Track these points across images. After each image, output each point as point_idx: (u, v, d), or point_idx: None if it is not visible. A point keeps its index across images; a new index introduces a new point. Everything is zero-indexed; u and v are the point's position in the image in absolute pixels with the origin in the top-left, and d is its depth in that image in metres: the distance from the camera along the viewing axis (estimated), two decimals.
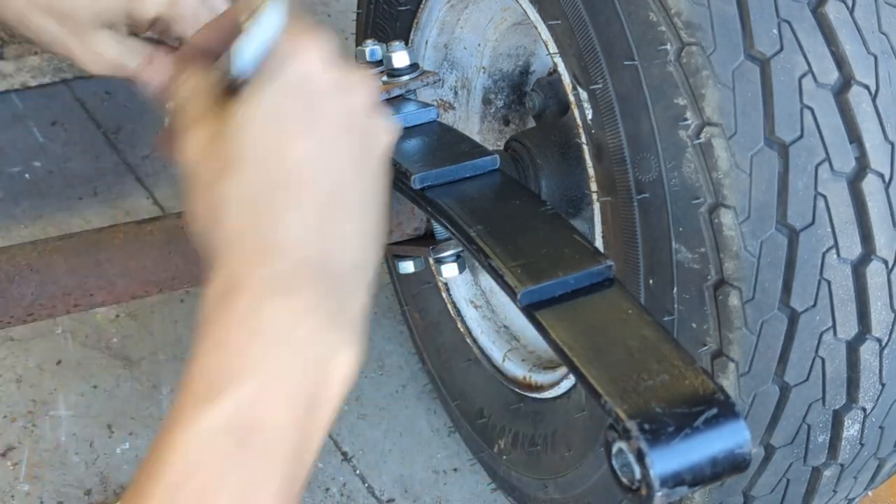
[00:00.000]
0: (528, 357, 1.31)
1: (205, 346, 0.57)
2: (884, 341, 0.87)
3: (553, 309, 0.76)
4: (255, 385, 0.55)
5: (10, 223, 1.70)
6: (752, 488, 0.94)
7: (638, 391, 0.66)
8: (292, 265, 0.58)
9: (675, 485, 0.62)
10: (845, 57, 0.82)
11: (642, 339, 0.72)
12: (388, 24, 1.31)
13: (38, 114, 1.87)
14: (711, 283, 0.85)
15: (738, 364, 0.86)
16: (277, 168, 0.60)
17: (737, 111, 0.81)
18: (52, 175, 1.79)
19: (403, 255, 1.21)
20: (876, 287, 0.85)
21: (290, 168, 0.60)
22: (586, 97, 0.94)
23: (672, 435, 0.63)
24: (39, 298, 0.99)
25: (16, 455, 1.42)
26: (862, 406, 0.89)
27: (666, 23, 0.83)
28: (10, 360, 1.53)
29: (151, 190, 1.79)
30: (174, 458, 0.53)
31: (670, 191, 0.86)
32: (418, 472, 1.49)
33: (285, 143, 0.60)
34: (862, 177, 0.83)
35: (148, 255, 1.02)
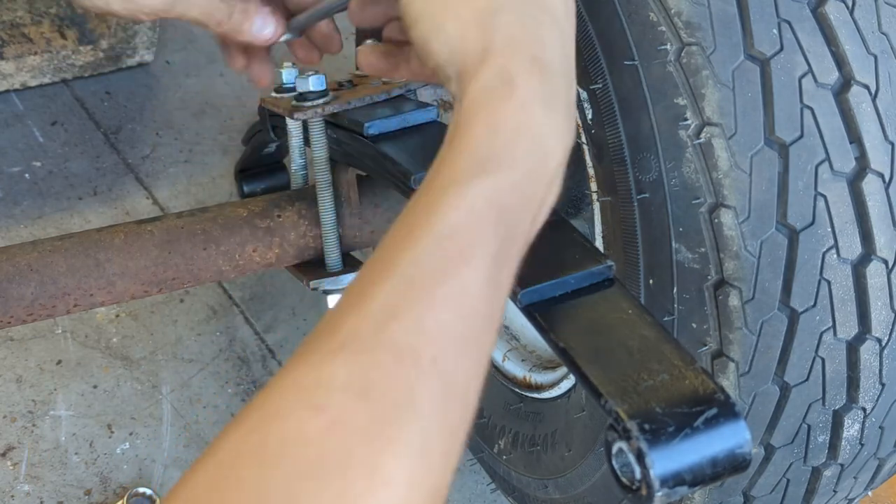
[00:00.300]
0: (527, 357, 1.31)
1: (477, 127, 0.64)
2: (884, 341, 0.87)
3: (553, 309, 0.76)
4: (522, 172, 0.63)
5: (10, 223, 1.70)
6: (752, 488, 0.94)
7: (638, 391, 0.66)
8: (556, 82, 0.67)
9: (676, 485, 0.62)
10: (845, 57, 0.82)
11: (642, 338, 0.72)
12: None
13: (37, 114, 1.87)
14: (711, 283, 0.85)
15: (739, 364, 0.86)
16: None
17: (737, 111, 0.81)
18: (51, 175, 1.79)
19: None
20: (876, 287, 0.85)
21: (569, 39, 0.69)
22: (586, 97, 0.94)
23: (672, 435, 0.63)
24: (39, 298, 0.99)
25: (16, 455, 1.42)
26: (862, 406, 0.89)
27: (666, 23, 0.83)
28: (10, 360, 1.53)
29: (151, 190, 1.79)
30: (446, 213, 0.60)
31: (670, 191, 0.86)
32: None
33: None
34: (862, 177, 0.83)
35: (148, 255, 1.02)
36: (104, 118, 1.89)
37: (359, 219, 1.12)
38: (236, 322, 1.64)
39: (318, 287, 1.09)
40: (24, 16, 1.85)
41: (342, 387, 0.53)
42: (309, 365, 0.55)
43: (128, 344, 1.57)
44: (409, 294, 0.58)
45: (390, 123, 1.02)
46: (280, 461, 0.50)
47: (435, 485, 0.54)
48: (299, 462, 0.51)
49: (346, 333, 0.56)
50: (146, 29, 1.89)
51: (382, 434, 0.53)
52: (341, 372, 0.54)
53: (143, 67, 1.98)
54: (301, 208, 1.10)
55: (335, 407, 0.52)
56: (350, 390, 0.53)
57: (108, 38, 1.88)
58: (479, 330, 0.60)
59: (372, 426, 0.52)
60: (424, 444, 0.54)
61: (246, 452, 0.52)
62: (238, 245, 1.06)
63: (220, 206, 1.10)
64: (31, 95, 1.90)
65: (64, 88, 1.93)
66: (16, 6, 1.85)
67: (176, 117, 1.92)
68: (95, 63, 1.91)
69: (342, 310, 0.58)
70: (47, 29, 1.86)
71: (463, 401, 0.59)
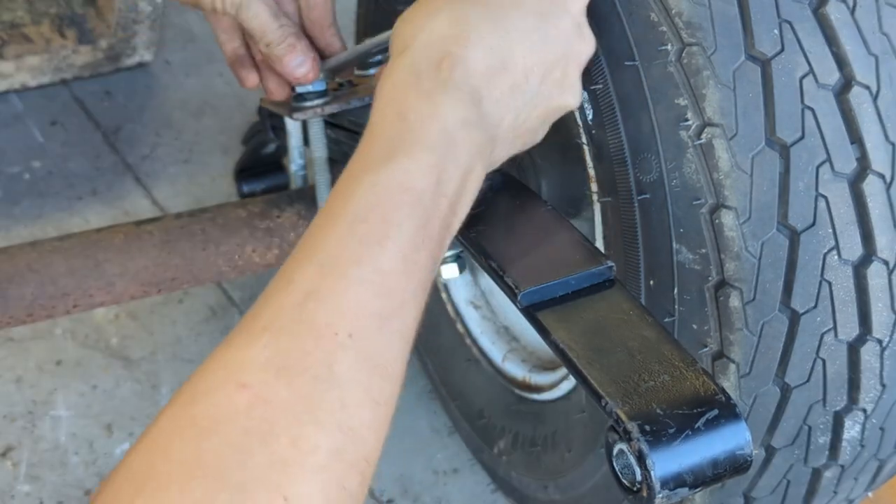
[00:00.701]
0: (527, 358, 1.31)
1: (387, 116, 0.68)
2: (885, 342, 0.87)
3: (553, 310, 0.76)
4: (432, 157, 0.66)
5: (10, 223, 1.70)
6: (753, 489, 0.94)
7: (639, 392, 0.66)
8: (471, 77, 0.70)
9: (677, 486, 0.62)
10: (846, 57, 0.82)
11: (643, 339, 0.72)
12: (387, 23, 1.30)
13: (37, 114, 1.87)
14: (712, 284, 0.85)
15: (739, 365, 0.86)
16: (508, 27, 0.72)
17: (738, 112, 0.81)
18: (51, 175, 1.78)
19: None
20: (877, 288, 0.85)
21: (518, 39, 0.72)
22: (587, 97, 0.93)
23: (673, 436, 0.63)
24: (39, 299, 0.99)
25: (15, 455, 1.42)
26: (863, 407, 0.89)
27: (667, 23, 0.83)
28: (9, 360, 1.53)
29: (151, 190, 1.79)
30: (359, 198, 0.64)
31: (671, 191, 0.86)
32: (418, 472, 1.49)
33: (521, 16, 0.73)
34: (863, 178, 0.83)
35: (147, 256, 1.02)
36: (104, 118, 1.89)
37: None
38: (236, 322, 1.63)
39: None
40: (23, 16, 1.85)
41: (264, 365, 0.57)
42: (235, 347, 0.60)
43: (127, 344, 1.56)
44: (327, 276, 0.62)
45: None
46: (209, 435, 0.54)
47: (361, 454, 0.58)
48: (227, 435, 0.54)
49: (269, 316, 0.60)
50: (146, 29, 1.89)
51: (303, 407, 0.57)
52: (264, 352, 0.58)
53: (143, 67, 1.98)
54: (300, 209, 1.10)
55: (258, 384, 0.56)
56: (271, 368, 0.57)
57: (107, 38, 1.88)
58: (396, 307, 0.65)
59: (293, 400, 0.56)
60: (346, 414, 0.58)
61: (178, 427, 0.55)
62: (237, 245, 1.06)
63: (220, 206, 1.10)
64: (30, 95, 1.90)
65: (63, 88, 1.92)
66: (16, 6, 1.85)
67: (176, 117, 1.92)
68: (95, 63, 1.91)
69: (268, 294, 0.63)
70: (47, 29, 1.86)
71: (385, 373, 0.62)
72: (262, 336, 0.59)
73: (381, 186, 0.65)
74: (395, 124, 0.68)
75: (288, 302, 0.61)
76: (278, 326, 0.59)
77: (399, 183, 0.65)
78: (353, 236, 0.63)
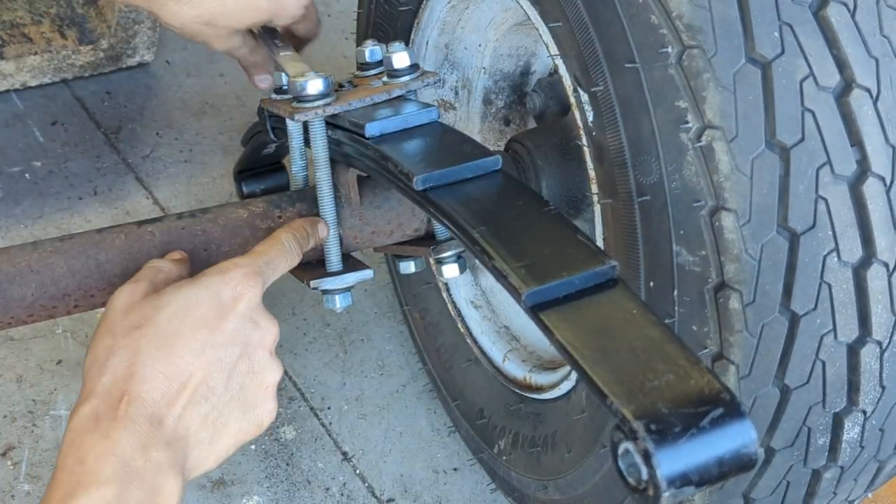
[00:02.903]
0: (528, 358, 1.31)
1: (69, 458, 0.76)
2: (884, 344, 0.87)
3: (557, 310, 0.76)
4: (111, 491, 0.74)
5: (10, 223, 1.70)
6: (753, 490, 0.94)
7: (644, 391, 0.66)
8: (148, 416, 0.78)
9: (682, 485, 0.63)
10: (846, 60, 0.83)
11: (647, 339, 0.72)
12: (388, 24, 1.31)
13: (38, 114, 1.87)
14: (712, 286, 0.85)
15: (739, 367, 0.86)
16: (180, 351, 0.81)
17: (738, 114, 0.81)
18: (52, 175, 1.79)
19: (404, 256, 1.22)
20: (877, 290, 0.85)
21: (190, 359, 0.81)
22: (587, 99, 0.94)
23: (678, 435, 0.63)
24: (40, 299, 0.99)
25: (16, 455, 1.42)
26: (862, 409, 0.89)
27: (667, 25, 0.83)
28: (10, 359, 1.53)
29: (151, 190, 1.79)
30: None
31: (671, 193, 0.86)
32: (418, 471, 1.49)
33: (190, 334, 0.81)
34: (863, 180, 0.83)
35: (148, 257, 1.02)
36: (104, 118, 1.89)
37: (359, 219, 1.12)
38: None
39: (318, 287, 1.09)
40: (24, 16, 1.86)
41: None
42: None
43: None
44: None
45: (391, 124, 1.02)
46: None
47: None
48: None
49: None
50: (146, 29, 1.89)
51: None
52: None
53: (143, 67, 1.98)
54: (301, 209, 1.10)
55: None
56: None
57: (108, 38, 1.88)
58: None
59: None
60: None
61: None
62: (239, 246, 1.06)
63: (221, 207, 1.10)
64: (31, 95, 1.90)
65: (64, 88, 1.93)
66: (16, 6, 1.85)
67: (176, 117, 1.92)
68: (95, 63, 1.91)
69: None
70: (47, 29, 1.86)
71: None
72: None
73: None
74: (74, 469, 0.75)
75: None
76: None
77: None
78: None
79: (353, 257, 1.13)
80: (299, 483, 1.46)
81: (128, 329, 0.82)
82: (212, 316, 0.83)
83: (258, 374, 0.85)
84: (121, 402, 0.78)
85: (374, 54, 1.11)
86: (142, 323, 0.82)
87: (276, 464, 1.47)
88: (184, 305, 0.83)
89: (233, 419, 0.84)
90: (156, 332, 0.81)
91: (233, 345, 0.83)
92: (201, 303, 0.83)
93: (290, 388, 1.57)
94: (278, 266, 0.93)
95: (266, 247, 0.94)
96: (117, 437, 0.76)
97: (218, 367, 0.82)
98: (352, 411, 1.55)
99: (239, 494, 1.43)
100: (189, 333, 0.81)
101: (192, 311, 0.82)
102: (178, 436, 0.79)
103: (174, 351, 0.81)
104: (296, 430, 1.52)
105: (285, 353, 1.61)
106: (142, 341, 0.80)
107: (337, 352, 1.62)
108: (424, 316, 1.47)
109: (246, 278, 0.86)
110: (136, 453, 0.76)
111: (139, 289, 0.87)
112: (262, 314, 0.87)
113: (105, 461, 0.75)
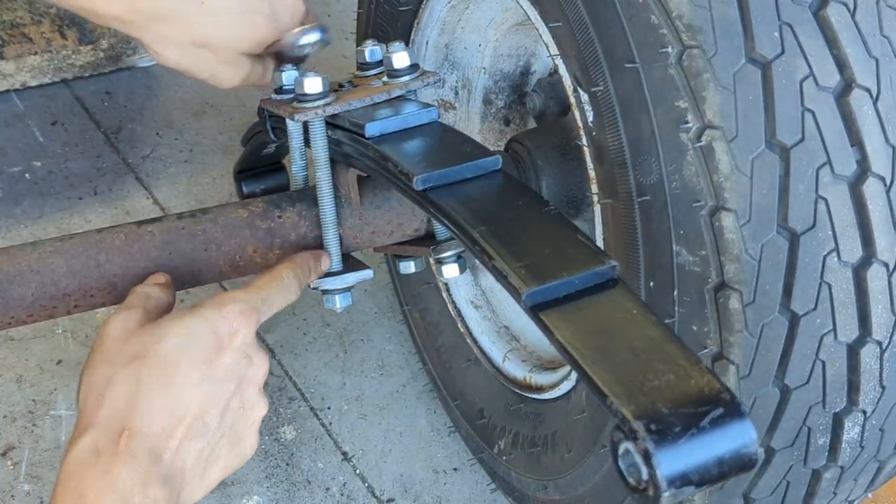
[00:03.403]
0: (528, 358, 1.31)
1: (68, 498, 0.76)
2: (884, 344, 0.87)
3: (557, 310, 0.76)
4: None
5: (10, 223, 1.70)
6: (753, 490, 0.94)
7: (644, 391, 0.66)
8: (148, 450, 0.78)
9: (683, 485, 0.63)
10: (847, 60, 0.83)
11: (647, 339, 0.72)
12: (388, 24, 1.31)
13: (38, 114, 1.87)
14: (712, 286, 0.85)
15: (739, 367, 0.86)
16: (179, 385, 0.81)
17: (738, 114, 0.81)
18: (52, 175, 1.79)
19: (404, 256, 1.22)
20: (877, 290, 0.85)
21: (189, 394, 0.81)
22: (587, 99, 0.94)
23: (678, 435, 0.63)
24: (40, 299, 0.99)
25: (16, 455, 1.42)
26: (862, 409, 0.89)
27: (667, 25, 0.83)
28: (10, 359, 1.53)
29: (151, 190, 1.79)
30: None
31: (671, 193, 0.86)
32: (418, 471, 1.49)
33: (189, 367, 0.81)
34: (863, 180, 0.83)
35: (148, 257, 1.02)
36: (104, 118, 1.89)
37: (359, 219, 1.12)
38: None
39: (318, 287, 1.09)
40: (24, 16, 1.85)
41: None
42: None
43: None
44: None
45: (391, 124, 1.02)
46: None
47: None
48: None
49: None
50: None
51: None
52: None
53: (143, 67, 1.98)
54: (301, 209, 1.10)
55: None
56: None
57: (108, 38, 1.88)
58: None
59: None
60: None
61: None
62: (239, 246, 1.06)
63: (221, 206, 1.10)
64: (31, 95, 1.90)
65: (64, 88, 1.93)
66: (16, 6, 1.85)
67: (176, 117, 1.92)
68: (95, 63, 1.91)
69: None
70: (47, 29, 1.86)
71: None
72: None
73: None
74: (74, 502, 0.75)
75: None
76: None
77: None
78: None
79: (353, 257, 1.13)
80: (299, 483, 1.46)
81: (127, 359, 0.81)
82: (209, 350, 0.83)
83: (248, 411, 0.86)
84: (121, 437, 0.78)
85: (374, 54, 1.11)
86: (141, 353, 0.81)
87: (276, 464, 1.47)
88: (183, 338, 0.82)
89: (223, 454, 0.84)
90: (156, 363, 0.80)
91: (229, 381, 0.84)
92: (199, 336, 0.83)
93: (290, 388, 1.57)
94: (275, 303, 0.93)
95: (265, 282, 0.94)
96: (118, 473, 0.76)
97: (214, 402, 0.82)
98: (352, 411, 1.55)
99: (239, 494, 1.43)
100: (188, 367, 0.81)
101: (191, 345, 0.82)
102: (175, 471, 0.80)
103: (174, 384, 0.80)
104: (296, 430, 1.52)
105: (285, 352, 1.61)
106: (142, 372, 0.80)
107: (337, 352, 1.62)
108: (424, 316, 1.47)
109: (242, 314, 0.86)
110: (136, 489, 0.76)
111: (134, 317, 0.86)
112: (255, 350, 0.87)
113: (105, 497, 0.75)
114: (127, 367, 0.80)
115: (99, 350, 0.83)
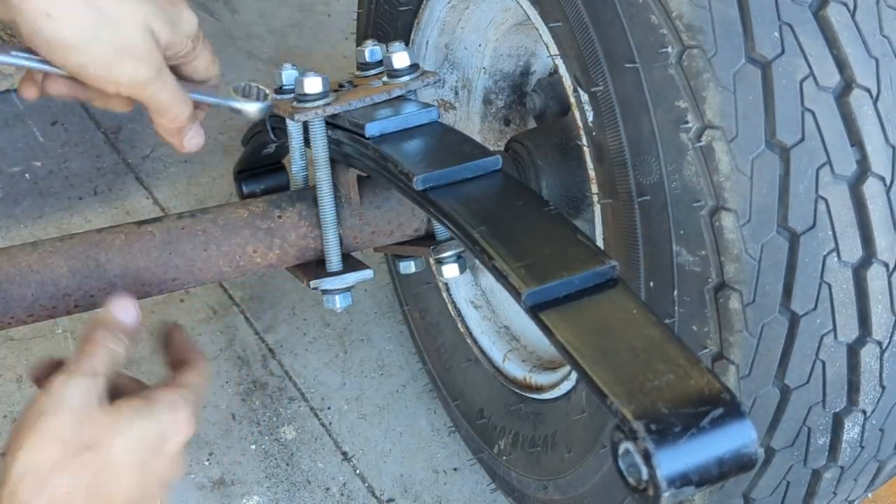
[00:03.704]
0: (528, 358, 1.31)
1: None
2: (884, 344, 0.87)
3: (557, 310, 0.76)
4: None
5: (11, 223, 1.70)
6: (753, 490, 0.94)
7: (644, 391, 0.66)
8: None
9: (683, 485, 0.63)
10: (847, 60, 0.83)
11: (647, 339, 0.72)
12: (388, 24, 1.31)
13: (38, 114, 1.87)
14: (712, 286, 0.85)
15: (739, 367, 0.86)
16: (116, 494, 0.81)
17: (738, 114, 0.81)
18: (52, 175, 1.79)
19: (404, 256, 1.22)
20: (877, 290, 0.85)
21: (119, 496, 0.80)
22: (587, 99, 0.94)
23: (678, 435, 0.63)
24: (40, 299, 0.99)
25: None
26: (862, 409, 0.89)
27: (667, 25, 0.83)
28: (10, 359, 1.53)
29: (151, 190, 1.79)
30: None
31: (671, 193, 0.86)
32: (418, 471, 1.49)
33: (129, 473, 0.81)
34: (863, 180, 0.83)
35: (148, 257, 1.02)
36: (104, 118, 1.89)
37: (359, 219, 1.12)
38: (236, 322, 1.64)
39: (318, 287, 1.09)
40: None
41: None
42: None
43: None
44: None
45: (391, 124, 1.02)
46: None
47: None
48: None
49: None
50: None
51: None
52: None
53: None
54: (301, 209, 1.10)
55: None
56: None
57: None
58: None
59: None
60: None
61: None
62: (239, 246, 1.06)
63: (221, 206, 1.10)
64: None
65: None
66: None
67: None
68: None
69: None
70: None
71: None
72: None
73: None
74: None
75: None
76: None
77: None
78: None
79: (353, 257, 1.13)
80: (299, 483, 1.46)
81: (78, 447, 0.79)
82: (152, 453, 0.83)
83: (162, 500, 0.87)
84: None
85: (374, 54, 1.11)
86: (94, 445, 0.79)
87: (276, 464, 1.47)
88: (134, 442, 0.81)
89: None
90: (105, 464, 0.80)
91: (159, 486, 0.84)
92: (147, 440, 0.82)
93: (290, 388, 1.57)
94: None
95: (200, 381, 0.92)
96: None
97: (138, 499, 0.83)
98: (352, 411, 1.55)
99: (239, 494, 1.43)
100: (129, 469, 0.81)
101: (139, 448, 0.82)
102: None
103: (112, 485, 0.80)
104: (296, 430, 1.52)
105: (285, 353, 1.61)
106: (89, 469, 0.79)
107: (337, 352, 1.62)
108: (424, 316, 1.47)
109: (189, 422, 0.85)
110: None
111: (95, 390, 0.82)
112: (184, 448, 0.87)
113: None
114: (77, 458, 0.79)
115: (53, 416, 0.79)
